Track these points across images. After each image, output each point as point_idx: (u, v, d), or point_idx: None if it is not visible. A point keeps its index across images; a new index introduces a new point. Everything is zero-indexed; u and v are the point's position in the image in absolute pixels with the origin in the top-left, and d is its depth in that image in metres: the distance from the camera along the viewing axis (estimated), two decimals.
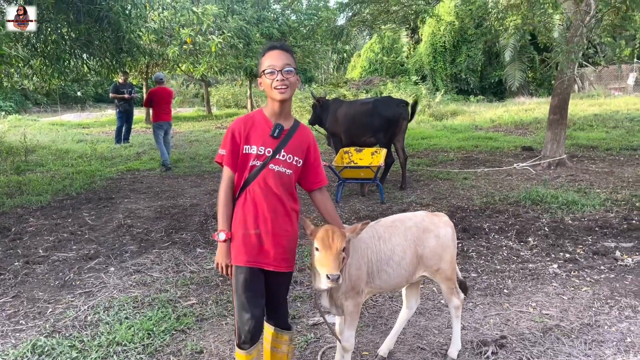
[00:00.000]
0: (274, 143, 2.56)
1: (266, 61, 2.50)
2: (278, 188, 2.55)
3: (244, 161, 2.54)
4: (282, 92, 2.48)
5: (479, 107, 21.06)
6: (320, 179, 2.73)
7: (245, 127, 2.56)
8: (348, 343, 2.88)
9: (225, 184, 2.57)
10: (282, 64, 2.48)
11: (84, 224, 6.52)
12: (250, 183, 2.54)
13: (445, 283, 3.19)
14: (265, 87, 2.52)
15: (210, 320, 3.85)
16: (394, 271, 2.96)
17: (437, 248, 3.08)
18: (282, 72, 2.46)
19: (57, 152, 12.75)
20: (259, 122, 2.58)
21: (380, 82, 26.07)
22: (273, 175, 2.54)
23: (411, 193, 7.72)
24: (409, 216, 3.17)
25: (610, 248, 5.21)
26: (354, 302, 2.82)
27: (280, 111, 2.57)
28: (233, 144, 2.54)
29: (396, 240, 2.98)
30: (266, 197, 2.53)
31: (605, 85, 28.02)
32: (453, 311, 3.28)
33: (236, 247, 2.55)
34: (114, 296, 4.30)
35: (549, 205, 6.70)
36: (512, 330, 3.62)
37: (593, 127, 14.30)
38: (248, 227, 2.53)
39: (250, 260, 2.53)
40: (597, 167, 9.36)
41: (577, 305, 3.99)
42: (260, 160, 2.53)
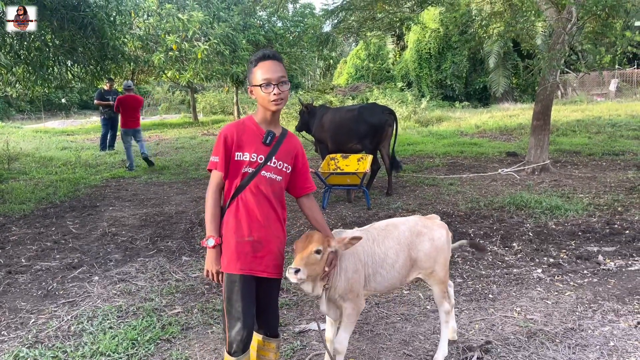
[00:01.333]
0: (265, 150, 2.57)
1: (260, 72, 2.48)
2: (270, 195, 2.57)
3: (236, 168, 2.53)
4: (278, 104, 2.51)
5: (464, 113, 21.25)
6: (308, 185, 2.77)
7: (238, 133, 2.54)
8: (341, 345, 2.89)
9: (214, 188, 2.55)
10: (278, 76, 2.48)
11: (68, 233, 6.45)
12: (243, 190, 2.53)
13: (438, 286, 3.22)
14: (259, 99, 2.52)
15: (195, 329, 3.82)
16: (387, 273, 3.00)
17: (432, 251, 3.12)
18: (278, 85, 2.48)
19: (40, 160, 12.63)
20: (250, 128, 2.58)
21: (366, 88, 26.22)
22: (265, 182, 2.55)
23: (397, 199, 7.75)
24: (402, 220, 3.21)
25: (593, 252, 5.27)
26: (353, 305, 2.86)
27: (271, 119, 2.60)
28: (225, 150, 2.52)
29: (389, 243, 3.02)
30: (259, 204, 2.54)
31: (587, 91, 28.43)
32: (443, 316, 3.30)
33: (229, 255, 2.52)
34: (97, 305, 4.26)
35: (533, 211, 6.77)
36: (497, 335, 3.65)
37: (576, 132, 14.48)
38: (242, 235, 2.52)
39: (244, 268, 2.52)
40: (580, 172, 9.48)
41: (561, 309, 4.03)
42: (252, 167, 2.53)
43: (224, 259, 2.53)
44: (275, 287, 2.75)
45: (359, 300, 2.88)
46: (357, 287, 2.85)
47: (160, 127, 22.27)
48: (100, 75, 9.74)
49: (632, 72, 29.10)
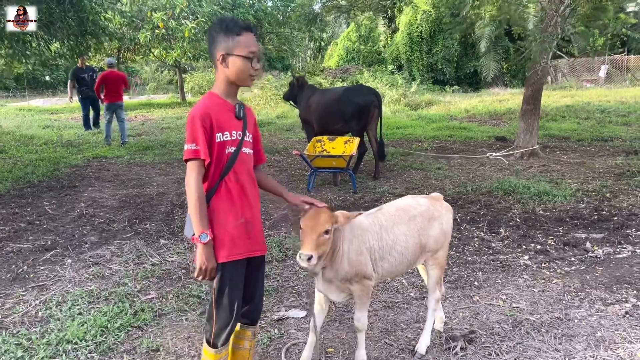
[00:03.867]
0: (239, 125, 2.40)
1: (246, 44, 2.28)
2: (251, 171, 2.46)
3: (220, 150, 2.31)
4: (254, 80, 2.39)
5: (454, 97, 21.10)
6: (262, 155, 2.65)
7: (214, 114, 2.30)
8: (360, 323, 2.84)
9: (198, 179, 2.25)
10: (260, 51, 2.35)
11: (44, 213, 6.24)
12: (229, 171, 2.34)
13: (438, 271, 3.14)
14: (236, 70, 2.30)
15: (169, 316, 3.66)
16: (395, 260, 2.89)
17: (440, 235, 3.05)
18: (260, 61, 2.35)
19: (21, 138, 12.31)
20: (220, 105, 2.37)
21: (356, 70, 25.93)
22: (246, 159, 2.42)
23: (384, 183, 7.61)
24: (412, 204, 3.05)
25: (581, 239, 5.17)
26: (362, 287, 2.76)
27: (235, 92, 2.44)
28: (205, 133, 2.25)
29: (399, 229, 2.89)
30: (246, 183, 2.40)
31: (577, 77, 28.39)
32: (432, 303, 3.20)
33: (227, 242, 2.32)
34: (68, 290, 4.08)
35: (520, 196, 6.65)
36: (482, 324, 3.53)
37: (565, 118, 14.41)
38: (236, 218, 2.35)
39: (241, 251, 2.37)
40: (568, 157, 9.39)
41: (548, 298, 3.92)
42: (234, 146, 2.36)
43: (221, 249, 2.31)
44: (263, 266, 2.63)
45: (366, 281, 2.77)
46: (363, 269, 2.73)
47: (147, 107, 21.91)
48: (81, 51, 9.42)
49: (622, 58, 29.07)
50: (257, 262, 2.52)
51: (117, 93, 11.36)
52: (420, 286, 4.13)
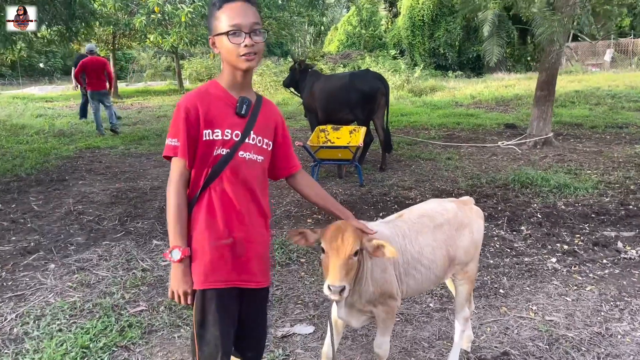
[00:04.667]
0: (241, 123, 1.95)
1: (226, 17, 1.85)
2: (251, 181, 1.97)
3: (206, 151, 1.90)
4: (250, 59, 1.87)
5: (458, 83, 20.57)
6: (293, 162, 2.17)
7: (203, 105, 1.90)
8: (381, 350, 2.47)
9: (178, 183, 1.90)
10: (251, 22, 1.84)
11: (29, 211, 5.82)
12: (216, 178, 1.91)
13: (467, 286, 2.73)
14: (225, 52, 1.88)
15: (160, 333, 3.25)
16: (422, 276, 2.48)
17: (470, 246, 2.64)
18: (250, 35, 1.84)
19: (11, 128, 11.82)
20: (218, 97, 1.95)
21: (358, 56, 25.35)
22: (244, 165, 1.95)
23: (392, 175, 7.18)
24: (439, 210, 2.61)
25: (611, 238, 4.75)
26: (387, 308, 2.36)
27: (243, 82, 1.97)
28: (189, 129, 1.88)
29: (424, 240, 2.47)
30: (238, 195, 1.93)
31: (582, 61, 27.80)
32: (461, 322, 2.79)
33: (203, 265, 1.90)
34: (49, 301, 3.66)
35: (539, 189, 6.23)
36: (513, 341, 3.12)
37: (575, 104, 13.94)
38: (218, 236, 1.91)
39: (224, 279, 1.93)
40: (584, 146, 8.95)
41: (583, 308, 3.51)
42: (227, 148, 1.91)
43: (197, 271, 1.91)
44: (263, 299, 2.14)
45: (392, 301, 2.37)
46: (389, 287, 2.34)
47: (144, 95, 21.39)
48: (70, 36, 8.91)
49: (628, 42, 28.45)
50: (252, 296, 2.04)
51: (99, 80, 10.91)
52: (440, 295, 3.72)
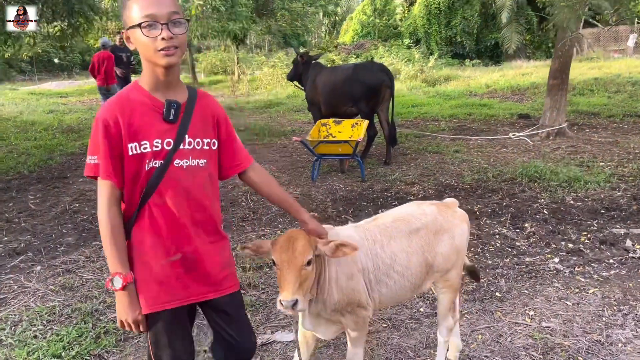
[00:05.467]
0: (171, 129, 1.75)
1: (138, 6, 1.64)
2: (194, 190, 1.80)
3: (135, 166, 1.72)
4: (169, 54, 1.66)
5: (474, 72, 20.14)
6: (241, 158, 1.98)
7: (123, 116, 1.69)
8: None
9: (108, 206, 1.71)
10: (168, 12, 1.63)
11: (25, 210, 5.77)
12: (153, 194, 1.74)
13: (449, 295, 2.53)
14: (141, 47, 1.67)
15: (135, 340, 3.13)
16: (395, 283, 2.30)
17: (451, 253, 2.43)
18: (167, 26, 1.63)
19: (22, 124, 11.90)
20: (142, 103, 1.74)
21: (371, 46, 25.04)
22: (183, 175, 1.77)
23: (396, 169, 6.97)
24: (415, 214, 2.42)
25: (620, 235, 4.50)
26: (355, 318, 2.20)
27: (166, 80, 1.75)
28: (110, 145, 1.68)
29: (398, 244, 2.29)
30: (181, 207, 1.77)
31: (604, 47, 27.02)
32: (444, 333, 2.61)
33: (152, 287, 1.77)
34: (29, 305, 3.58)
35: (548, 183, 5.97)
36: (505, 350, 2.93)
37: (594, 91, 13.49)
38: (165, 254, 1.77)
39: (177, 297, 1.80)
40: (599, 136, 8.62)
41: (584, 313, 3.30)
42: (159, 159, 1.73)
43: (146, 295, 1.76)
44: (237, 304, 1.99)
45: (362, 310, 2.21)
46: (356, 296, 2.18)
47: None
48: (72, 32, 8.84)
49: None
50: (220, 305, 1.91)
51: (108, 76, 10.81)
52: (433, 299, 3.54)
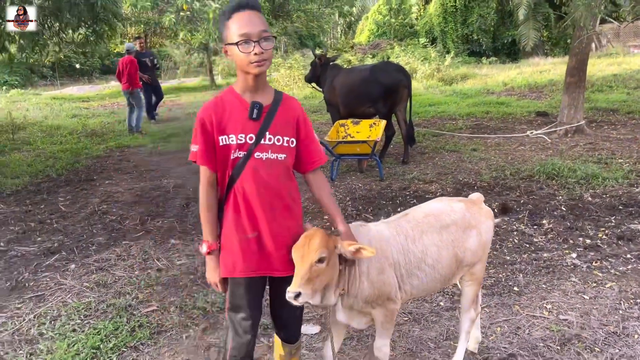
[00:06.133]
0: (255, 126, 2.09)
1: (235, 27, 1.98)
2: (271, 179, 2.11)
3: (224, 155, 2.08)
4: (260, 65, 2.00)
5: (491, 70, 20.08)
6: (315, 157, 2.25)
7: (216, 114, 2.07)
8: (381, 353, 2.46)
9: (205, 186, 2.14)
10: (259, 31, 1.97)
11: (56, 211, 6.00)
12: (237, 179, 2.09)
13: (474, 287, 2.67)
14: (238, 61, 2.02)
15: (168, 333, 3.30)
16: (426, 276, 2.44)
17: (478, 248, 2.57)
18: (259, 42, 1.97)
19: (47, 129, 12.20)
20: (232, 103, 2.10)
21: (387, 45, 25.06)
22: (262, 165, 2.09)
23: (414, 168, 7.07)
24: (446, 210, 2.55)
25: (637, 231, 4.56)
26: (385, 311, 2.35)
27: (255, 86, 2.09)
28: (206, 137, 2.07)
29: (429, 239, 2.43)
30: (259, 194, 2.09)
31: (623, 42, 26.69)
32: (466, 324, 2.72)
33: (232, 256, 2.13)
34: (66, 302, 3.77)
35: (566, 180, 6.02)
36: (523, 342, 3.03)
37: (612, 88, 13.39)
38: (244, 231, 2.11)
39: (250, 269, 2.13)
40: (618, 133, 8.60)
41: (601, 306, 3.38)
42: (242, 151, 2.07)
43: (227, 262, 2.14)
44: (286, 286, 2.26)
45: (391, 304, 2.35)
46: (387, 289, 2.32)
47: (176, 92, 21.71)
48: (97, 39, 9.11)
49: None
50: (281, 283, 2.16)
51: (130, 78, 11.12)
52: (452, 293, 3.65)
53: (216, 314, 3.52)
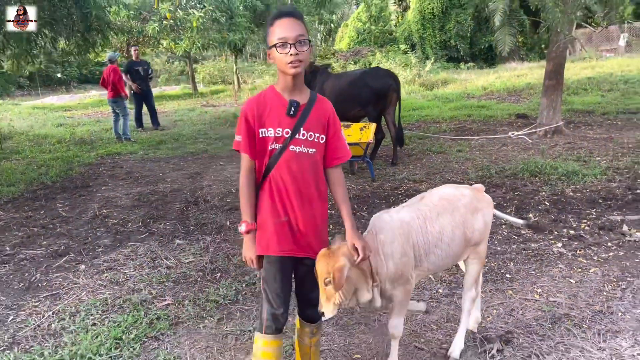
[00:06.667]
0: (291, 122, 2.32)
1: (277, 32, 2.21)
2: (302, 171, 2.33)
3: (262, 146, 2.33)
4: (295, 66, 2.22)
5: (470, 75, 20.59)
6: (341, 153, 2.45)
7: (258, 109, 2.32)
8: (396, 330, 2.73)
9: (245, 172, 2.38)
10: (295, 35, 2.19)
11: (57, 216, 6.12)
12: (272, 168, 2.33)
13: (477, 265, 2.95)
14: (277, 61, 2.26)
15: (186, 324, 3.49)
16: (443, 252, 2.73)
17: (484, 229, 2.88)
18: (295, 45, 2.19)
19: (34, 138, 12.23)
20: (272, 100, 2.34)
21: (368, 52, 25.46)
22: (295, 158, 2.32)
23: (403, 169, 7.35)
24: (457, 195, 2.86)
25: (617, 222, 4.89)
26: (404, 290, 2.63)
27: (293, 86, 2.32)
28: (248, 128, 2.32)
29: (444, 220, 2.72)
30: (292, 182, 2.32)
31: (596, 47, 27.53)
32: (467, 303, 2.98)
33: (267, 237, 2.37)
34: (82, 299, 3.93)
35: (548, 177, 6.36)
36: (518, 322, 3.30)
37: (587, 90, 13.93)
38: (278, 215, 2.35)
39: (283, 249, 2.37)
40: (594, 133, 9.02)
41: (587, 289, 3.67)
42: (279, 143, 2.31)
43: (262, 241, 2.38)
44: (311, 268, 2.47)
45: (408, 284, 2.63)
46: (407, 270, 2.60)
47: (159, 100, 21.72)
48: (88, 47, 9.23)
49: None
50: (308, 265, 2.41)
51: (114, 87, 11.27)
52: (449, 281, 3.91)
53: (229, 306, 3.72)
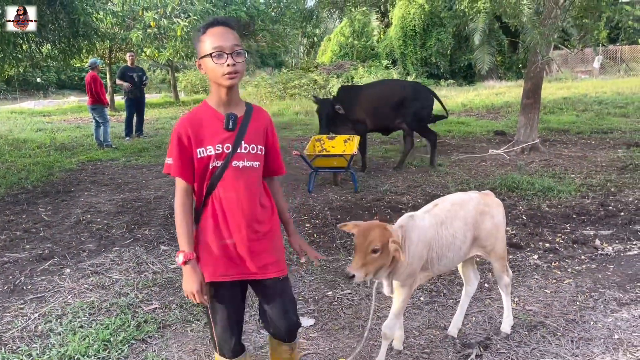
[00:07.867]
0: (231, 136, 2.20)
1: (209, 41, 2.10)
2: (248, 186, 2.22)
3: (203, 166, 2.18)
4: (232, 77, 2.11)
5: (449, 92, 21.00)
6: (279, 165, 2.43)
7: (192, 127, 2.17)
8: (390, 331, 2.90)
9: (180, 197, 2.19)
10: (232, 45, 2.10)
11: (40, 221, 6.10)
12: (215, 187, 2.19)
13: (499, 262, 3.22)
14: (210, 72, 2.13)
15: (173, 327, 3.55)
16: (454, 255, 2.95)
17: (492, 229, 3.09)
18: (232, 55, 2.09)
19: (14, 142, 12.12)
20: (207, 117, 2.21)
21: (351, 66, 25.77)
22: (239, 173, 2.20)
23: (385, 181, 7.50)
24: (465, 199, 3.10)
25: (590, 236, 5.09)
26: (409, 291, 2.83)
27: (228, 99, 2.21)
28: (181, 150, 2.16)
29: (457, 224, 2.93)
30: (237, 200, 2.20)
31: (571, 68, 28.33)
32: (504, 289, 3.31)
33: (212, 261, 2.21)
34: (68, 301, 3.95)
35: (525, 192, 6.57)
36: (496, 329, 3.43)
37: (563, 110, 14.35)
38: (222, 237, 2.21)
39: (227, 273, 2.23)
40: (569, 151, 9.31)
41: (561, 299, 3.83)
42: (220, 160, 2.17)
43: (206, 268, 2.21)
44: (281, 288, 2.38)
45: (414, 285, 2.85)
46: (417, 271, 2.81)
47: None
48: (73, 53, 9.23)
49: (616, 48, 29.03)
50: (266, 286, 2.33)
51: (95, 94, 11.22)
52: (430, 290, 4.04)
53: None
